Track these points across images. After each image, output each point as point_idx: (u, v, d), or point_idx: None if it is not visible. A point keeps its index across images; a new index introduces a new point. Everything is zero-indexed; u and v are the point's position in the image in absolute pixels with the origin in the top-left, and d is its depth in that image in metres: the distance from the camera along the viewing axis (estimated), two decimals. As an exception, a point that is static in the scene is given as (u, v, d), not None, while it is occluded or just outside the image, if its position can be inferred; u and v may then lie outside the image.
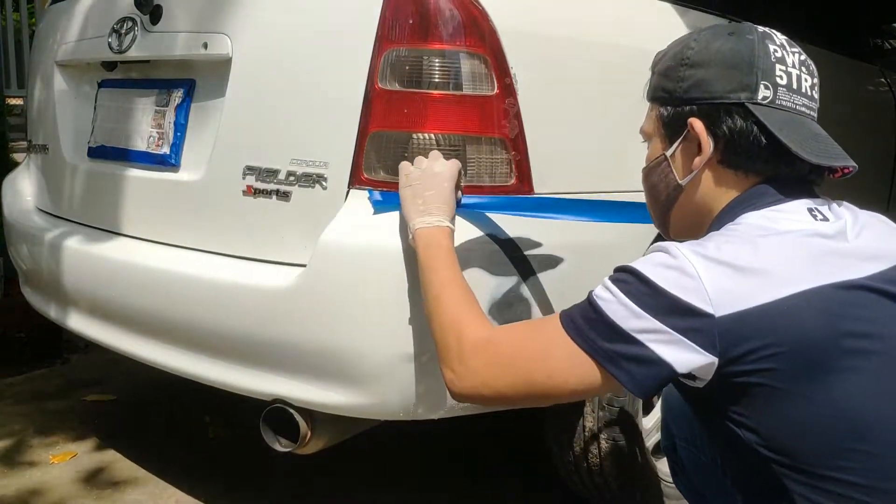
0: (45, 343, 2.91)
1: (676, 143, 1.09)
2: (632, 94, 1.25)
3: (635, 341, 0.93)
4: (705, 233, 1.05)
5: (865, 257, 0.98)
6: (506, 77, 1.35)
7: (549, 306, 1.41)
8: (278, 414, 1.42)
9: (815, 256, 0.95)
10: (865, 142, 2.57)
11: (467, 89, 1.34)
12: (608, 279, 0.99)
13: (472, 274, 1.30)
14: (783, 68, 1.04)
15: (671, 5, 1.73)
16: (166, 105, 1.67)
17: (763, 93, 1.03)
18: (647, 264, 0.96)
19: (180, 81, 1.66)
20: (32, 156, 2.18)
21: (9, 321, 2.86)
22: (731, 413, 0.97)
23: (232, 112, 1.52)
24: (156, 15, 1.66)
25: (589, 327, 0.97)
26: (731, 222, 1.03)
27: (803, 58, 1.07)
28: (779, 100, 1.03)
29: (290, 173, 1.41)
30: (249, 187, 1.47)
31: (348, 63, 1.37)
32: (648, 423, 1.82)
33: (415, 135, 1.34)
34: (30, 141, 2.19)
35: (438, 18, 1.33)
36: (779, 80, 1.03)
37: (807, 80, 1.06)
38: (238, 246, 1.50)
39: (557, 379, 0.98)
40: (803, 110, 1.05)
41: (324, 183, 1.38)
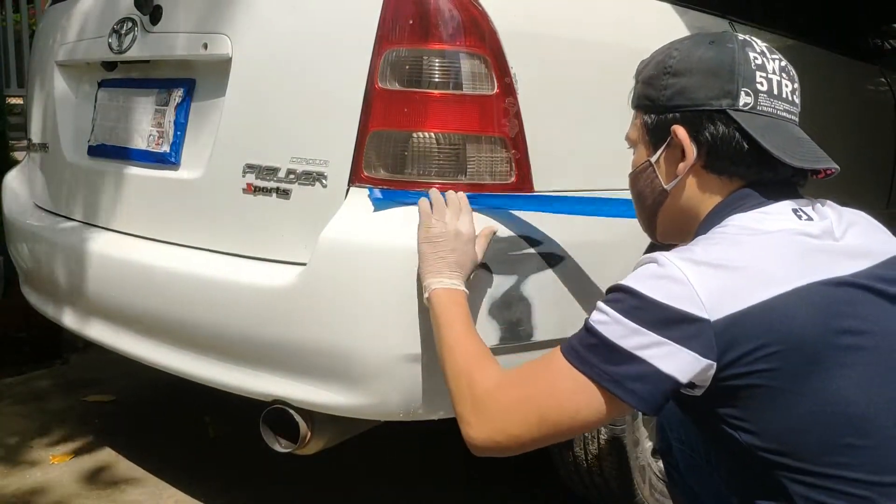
0: (45, 343, 2.91)
1: (660, 149, 1.11)
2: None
3: (636, 359, 0.93)
4: (693, 237, 1.06)
5: (852, 255, 0.99)
6: (506, 76, 1.36)
7: (549, 306, 1.41)
8: (278, 414, 1.42)
9: (803, 254, 0.96)
10: (866, 142, 2.58)
11: (467, 89, 1.34)
12: (601, 302, 0.99)
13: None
14: (763, 75, 1.05)
15: (671, 5, 1.73)
16: (166, 104, 1.68)
17: (744, 99, 1.04)
18: (637, 279, 0.97)
19: (180, 81, 1.66)
20: (32, 154, 2.18)
21: (9, 321, 2.86)
22: (729, 418, 0.97)
23: (232, 111, 1.52)
24: (156, 15, 1.66)
25: (590, 353, 0.97)
26: (718, 225, 1.04)
27: (783, 64, 1.09)
28: (760, 106, 1.05)
29: (290, 171, 1.41)
30: (249, 185, 1.47)
31: (348, 63, 1.37)
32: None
33: (415, 134, 1.34)
34: (29, 140, 2.19)
35: (438, 19, 1.33)
36: (759, 86, 1.05)
37: (787, 86, 1.08)
38: (237, 244, 1.50)
39: (569, 411, 0.98)
40: (784, 115, 1.07)
41: (324, 181, 1.38)
